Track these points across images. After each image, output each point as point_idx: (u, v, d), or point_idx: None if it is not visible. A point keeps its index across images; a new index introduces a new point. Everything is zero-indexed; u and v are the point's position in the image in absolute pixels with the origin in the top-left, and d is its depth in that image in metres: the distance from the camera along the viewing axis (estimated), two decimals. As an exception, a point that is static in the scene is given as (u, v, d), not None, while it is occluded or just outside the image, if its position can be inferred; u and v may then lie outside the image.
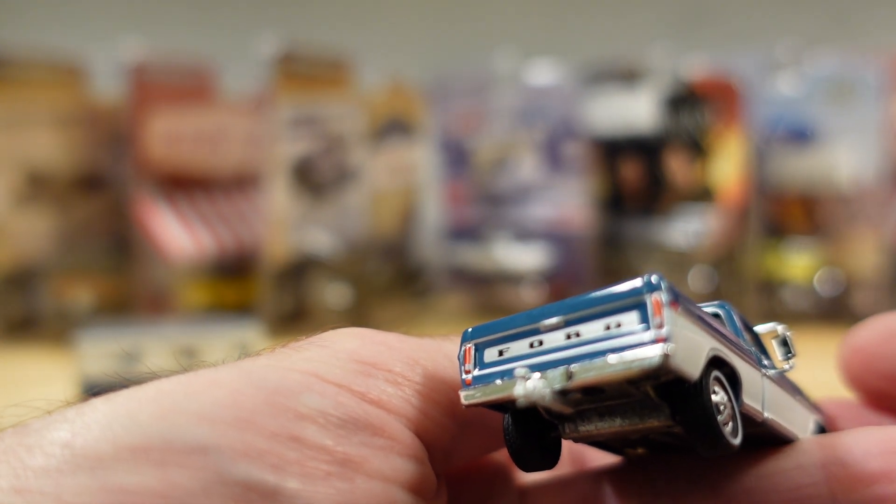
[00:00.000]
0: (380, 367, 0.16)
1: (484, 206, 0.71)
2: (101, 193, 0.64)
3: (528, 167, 0.68)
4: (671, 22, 0.90)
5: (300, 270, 0.62)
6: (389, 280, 0.70)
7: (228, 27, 0.96)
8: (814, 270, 0.61)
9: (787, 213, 0.64)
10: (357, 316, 0.63)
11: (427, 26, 0.97)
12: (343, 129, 0.66)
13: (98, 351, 0.43)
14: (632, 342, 0.13)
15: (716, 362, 0.15)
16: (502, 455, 0.20)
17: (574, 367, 0.14)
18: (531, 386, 0.14)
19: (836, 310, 0.60)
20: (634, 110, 0.67)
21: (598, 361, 0.14)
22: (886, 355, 0.19)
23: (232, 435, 0.13)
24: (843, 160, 0.61)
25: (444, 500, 0.17)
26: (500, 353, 0.16)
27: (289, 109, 0.61)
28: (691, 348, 0.14)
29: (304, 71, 0.62)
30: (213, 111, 0.66)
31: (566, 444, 0.17)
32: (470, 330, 0.16)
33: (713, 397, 0.14)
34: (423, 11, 0.98)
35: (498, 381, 0.15)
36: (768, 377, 0.17)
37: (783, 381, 0.18)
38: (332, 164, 0.65)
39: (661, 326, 0.13)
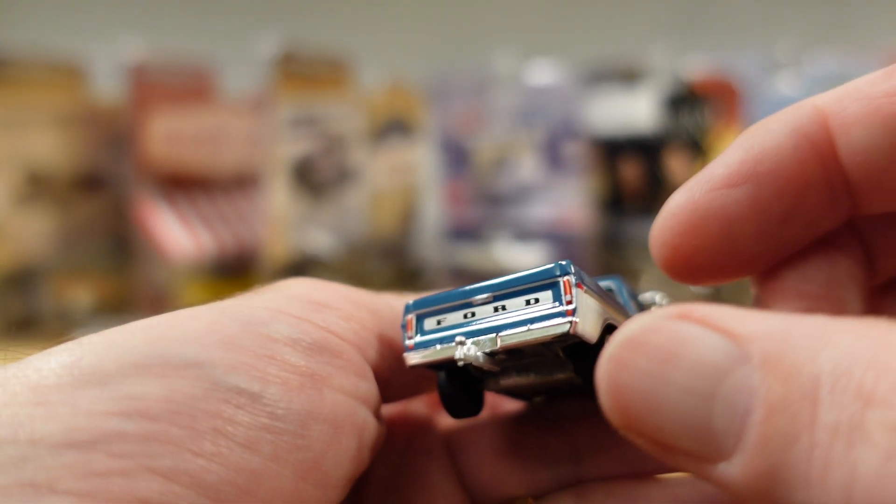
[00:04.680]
0: (330, 307, 0.18)
1: (484, 206, 0.71)
2: (101, 193, 0.64)
3: (528, 167, 0.69)
4: (671, 22, 0.90)
5: (300, 270, 0.62)
6: (389, 280, 0.70)
7: (228, 27, 0.96)
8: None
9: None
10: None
11: (427, 26, 0.97)
12: (343, 129, 0.66)
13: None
14: (547, 314, 0.17)
15: (609, 328, 0.18)
16: (426, 404, 0.23)
17: (502, 333, 0.17)
18: (468, 350, 0.17)
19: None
20: (634, 110, 0.67)
21: (520, 329, 0.17)
22: (705, 213, 0.16)
23: (219, 353, 0.15)
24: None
25: (383, 427, 0.19)
26: (438, 322, 0.18)
27: (289, 109, 0.61)
28: (592, 318, 0.17)
29: (303, 71, 0.62)
30: (213, 111, 0.66)
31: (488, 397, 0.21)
32: (412, 302, 0.19)
33: None
34: (423, 11, 0.98)
35: (437, 346, 0.18)
36: None
37: None
38: (331, 164, 0.65)
39: (570, 302, 0.17)
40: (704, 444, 0.11)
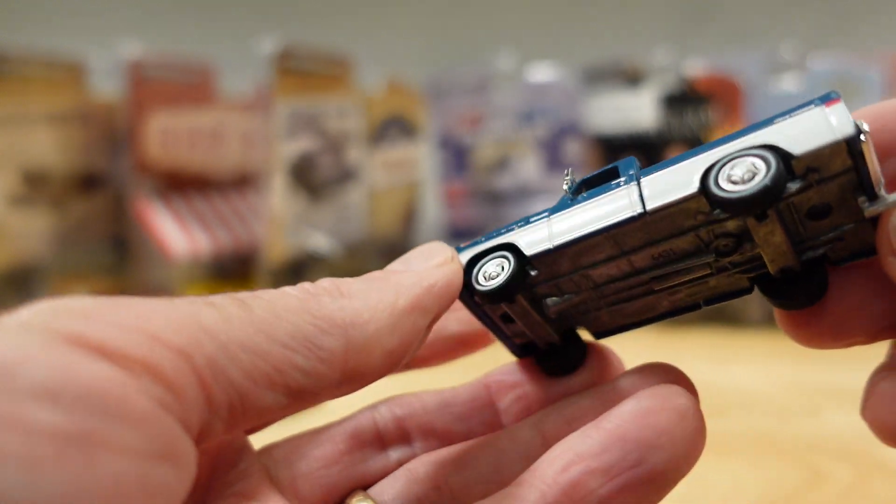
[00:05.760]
0: (110, 349, 0.13)
1: (484, 205, 0.71)
2: (99, 193, 0.64)
3: (528, 166, 0.68)
4: (673, 24, 0.89)
5: (299, 269, 0.62)
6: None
7: (227, 29, 0.95)
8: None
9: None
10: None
11: (427, 28, 0.97)
12: (342, 127, 0.65)
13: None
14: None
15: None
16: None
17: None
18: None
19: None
20: (636, 109, 0.66)
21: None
22: None
23: None
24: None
25: (194, 473, 0.14)
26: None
27: (287, 107, 0.61)
28: None
29: (302, 68, 0.62)
30: (212, 110, 0.66)
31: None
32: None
33: None
34: (423, 13, 0.97)
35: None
36: None
37: None
38: (331, 163, 0.64)
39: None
40: None
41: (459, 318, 0.22)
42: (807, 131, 0.15)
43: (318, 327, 0.15)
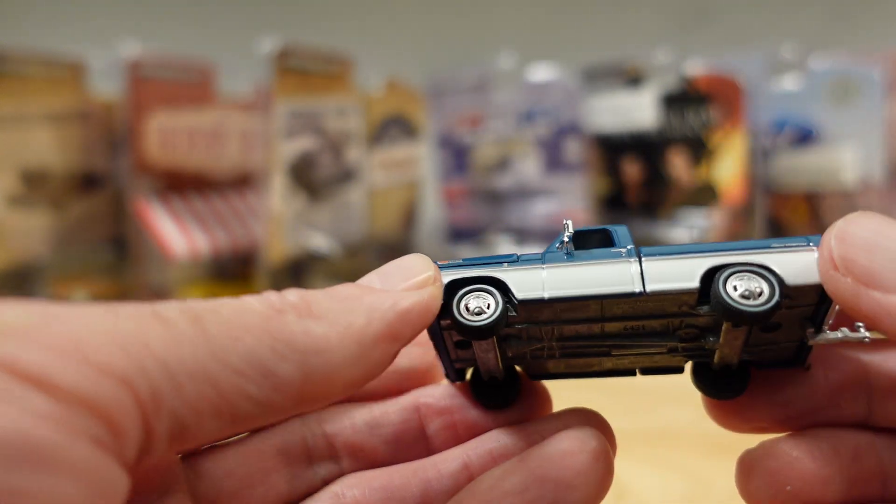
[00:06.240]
0: (49, 382, 0.12)
1: (484, 205, 0.71)
2: (98, 193, 0.64)
3: (529, 165, 0.68)
4: (673, 24, 0.89)
5: (299, 269, 0.62)
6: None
7: (227, 29, 0.95)
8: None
9: (790, 210, 0.64)
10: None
11: (427, 28, 0.97)
12: (342, 127, 0.65)
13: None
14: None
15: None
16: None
17: None
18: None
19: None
20: (636, 109, 0.66)
21: None
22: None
23: None
24: (848, 158, 0.60)
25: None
26: None
27: (287, 107, 0.60)
28: None
29: (302, 68, 0.62)
30: (212, 110, 0.66)
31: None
32: None
33: None
34: (423, 13, 0.97)
35: None
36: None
37: None
38: (330, 163, 0.64)
39: None
40: None
41: (410, 353, 0.21)
42: (799, 267, 0.17)
43: (277, 352, 0.14)
